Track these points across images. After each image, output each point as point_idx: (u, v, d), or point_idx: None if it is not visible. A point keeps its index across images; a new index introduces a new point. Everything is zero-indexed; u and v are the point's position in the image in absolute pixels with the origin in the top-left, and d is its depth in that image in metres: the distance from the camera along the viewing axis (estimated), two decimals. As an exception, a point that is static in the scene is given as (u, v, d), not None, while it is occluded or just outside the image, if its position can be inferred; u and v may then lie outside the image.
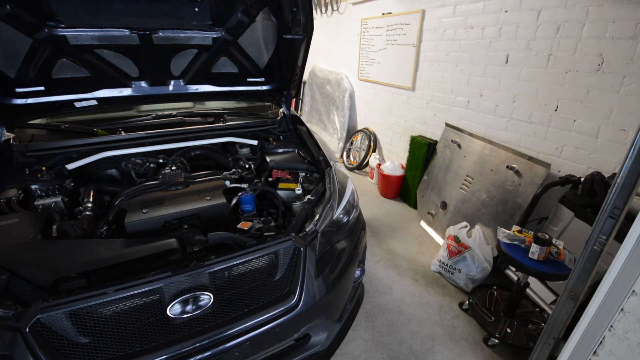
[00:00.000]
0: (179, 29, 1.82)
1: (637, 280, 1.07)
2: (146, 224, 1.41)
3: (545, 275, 1.76)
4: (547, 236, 1.78)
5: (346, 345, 2.01)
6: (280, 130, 2.40)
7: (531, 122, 2.56)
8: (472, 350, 2.02)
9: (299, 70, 2.21)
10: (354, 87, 5.01)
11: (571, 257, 1.80)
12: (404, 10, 3.68)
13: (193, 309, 1.15)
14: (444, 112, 3.42)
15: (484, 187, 2.73)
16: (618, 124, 2.04)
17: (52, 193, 1.60)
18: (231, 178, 1.82)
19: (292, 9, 1.85)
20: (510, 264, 2.20)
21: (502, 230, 1.99)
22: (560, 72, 2.30)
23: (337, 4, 5.00)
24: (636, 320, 1.09)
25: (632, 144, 1.08)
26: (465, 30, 2.99)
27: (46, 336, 0.99)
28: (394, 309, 2.32)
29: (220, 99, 2.44)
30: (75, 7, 1.56)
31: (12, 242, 1.20)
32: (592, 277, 1.31)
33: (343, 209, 1.67)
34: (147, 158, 1.96)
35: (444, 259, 2.59)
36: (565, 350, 1.37)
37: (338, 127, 5.17)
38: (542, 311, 2.17)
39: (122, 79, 1.93)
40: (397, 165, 3.94)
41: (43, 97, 1.79)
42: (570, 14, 2.18)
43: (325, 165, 1.92)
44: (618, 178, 1.14)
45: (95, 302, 1.03)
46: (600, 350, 1.22)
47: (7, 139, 1.76)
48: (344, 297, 1.61)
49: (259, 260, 1.32)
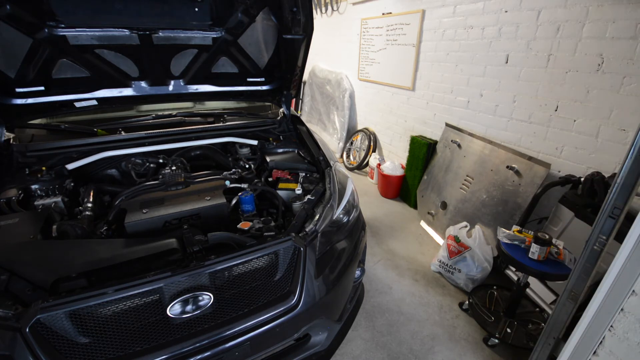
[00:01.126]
0: (179, 29, 1.82)
1: (637, 280, 1.07)
2: (146, 224, 1.41)
3: (545, 275, 1.76)
4: (547, 236, 1.78)
5: (346, 345, 2.01)
6: (280, 130, 2.40)
7: (531, 122, 2.56)
8: (472, 350, 2.02)
9: (299, 70, 2.21)
10: (354, 87, 5.01)
11: (571, 257, 1.80)
12: (404, 10, 3.68)
13: (193, 309, 1.15)
14: (444, 112, 3.42)
15: (484, 187, 2.73)
16: (618, 124, 2.05)
17: (52, 193, 1.60)
18: (231, 178, 1.82)
19: (292, 9, 1.85)
20: (510, 264, 2.19)
21: (502, 230, 1.99)
22: (560, 72, 2.30)
23: (337, 4, 5.00)
24: (636, 320, 1.09)
25: (632, 144, 1.08)
26: (465, 30, 2.99)
27: (46, 336, 0.99)
28: (394, 309, 2.32)
29: (220, 99, 2.44)
30: (75, 7, 1.56)
31: (12, 242, 1.20)
32: (592, 277, 1.31)
33: (343, 209, 1.67)
34: (147, 158, 1.96)
35: (444, 259, 2.59)
36: (565, 350, 1.37)
37: (338, 127, 5.17)
38: (542, 311, 2.17)
39: (122, 79, 1.93)
40: (397, 165, 3.94)
41: (43, 97, 1.79)
42: (570, 14, 2.18)
43: (325, 165, 1.92)
44: (618, 178, 1.14)
45: (95, 302, 1.03)
46: (600, 350, 1.22)
47: (7, 139, 1.76)
48: (344, 297, 1.61)
49: (259, 260, 1.32)
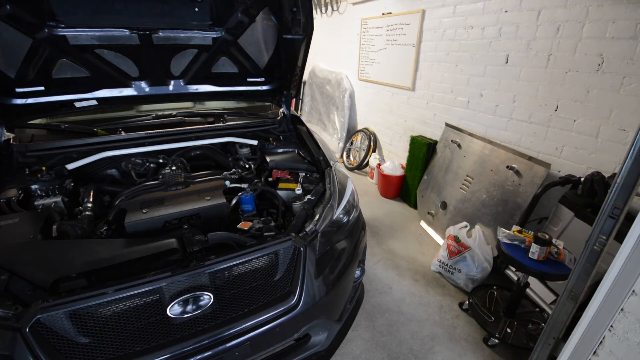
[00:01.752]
0: (179, 29, 1.82)
1: (637, 280, 1.07)
2: (146, 224, 1.41)
3: (545, 275, 1.76)
4: (547, 236, 1.78)
5: (346, 345, 2.01)
6: (280, 130, 2.40)
7: (531, 122, 2.56)
8: (472, 350, 2.02)
9: (299, 70, 2.21)
10: (354, 87, 5.01)
11: (571, 257, 1.80)
12: (404, 10, 3.68)
13: (193, 309, 1.15)
14: (444, 112, 3.42)
15: (484, 187, 2.73)
16: (618, 124, 2.05)
17: (52, 193, 1.60)
18: (231, 178, 1.82)
19: (292, 9, 1.85)
20: (510, 264, 2.19)
21: (502, 230, 1.99)
22: (560, 72, 2.30)
23: (337, 4, 5.00)
24: (636, 320, 1.09)
25: (632, 144, 1.08)
26: (465, 30, 2.99)
27: (46, 336, 0.99)
28: (394, 309, 2.32)
29: (220, 99, 2.44)
30: (75, 7, 1.56)
31: (12, 242, 1.20)
32: (592, 277, 1.31)
33: (343, 209, 1.67)
34: (147, 158, 1.96)
35: (444, 259, 2.59)
36: (565, 350, 1.37)
37: (338, 127, 5.17)
38: (542, 311, 2.17)
39: (122, 79, 1.93)
40: (397, 165, 3.94)
41: (43, 97, 1.79)
42: (570, 14, 2.18)
43: (325, 165, 1.92)
44: (618, 178, 1.14)
45: (95, 302, 1.03)
46: (600, 350, 1.22)
47: (7, 139, 1.76)
48: (344, 297, 1.61)
49: (259, 260, 1.32)
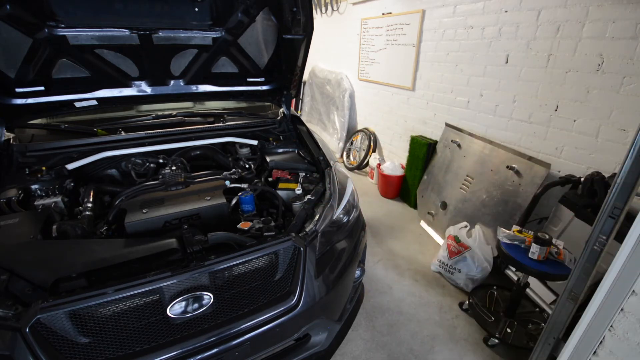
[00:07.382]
0: (179, 29, 1.82)
1: (637, 280, 1.08)
2: (146, 224, 1.41)
3: (545, 275, 1.76)
4: (547, 236, 1.78)
5: (346, 345, 2.01)
6: (280, 130, 2.40)
7: (531, 122, 2.56)
8: (472, 350, 2.02)
9: (299, 70, 2.21)
10: (354, 87, 5.01)
11: (571, 257, 1.79)
12: (404, 10, 3.68)
13: (193, 309, 1.15)
14: (444, 112, 3.41)
15: (484, 187, 2.73)
16: (618, 124, 2.04)
17: (52, 193, 1.60)
18: (231, 178, 1.82)
19: (292, 9, 1.85)
20: (510, 264, 2.19)
21: (502, 230, 1.99)
22: (560, 72, 2.30)
23: (337, 4, 5.00)
24: (636, 320, 1.09)
25: (632, 144, 1.08)
26: (465, 30, 2.99)
27: (46, 336, 0.99)
28: (394, 309, 2.32)
29: (220, 99, 2.44)
30: (75, 7, 1.56)
31: (12, 242, 1.20)
32: (592, 277, 1.31)
33: (343, 209, 1.67)
34: (147, 158, 1.96)
35: (444, 259, 2.59)
36: (565, 350, 1.37)
37: (338, 127, 5.17)
38: (542, 311, 2.17)
39: (122, 79, 1.93)
40: (397, 165, 3.94)
41: (43, 97, 1.79)
42: (570, 14, 2.18)
43: (325, 165, 1.92)
44: (618, 178, 1.14)
45: (95, 302, 1.03)
46: (600, 351, 1.23)
47: (7, 139, 1.76)
48: (344, 297, 1.61)
49: (259, 260, 1.32)
